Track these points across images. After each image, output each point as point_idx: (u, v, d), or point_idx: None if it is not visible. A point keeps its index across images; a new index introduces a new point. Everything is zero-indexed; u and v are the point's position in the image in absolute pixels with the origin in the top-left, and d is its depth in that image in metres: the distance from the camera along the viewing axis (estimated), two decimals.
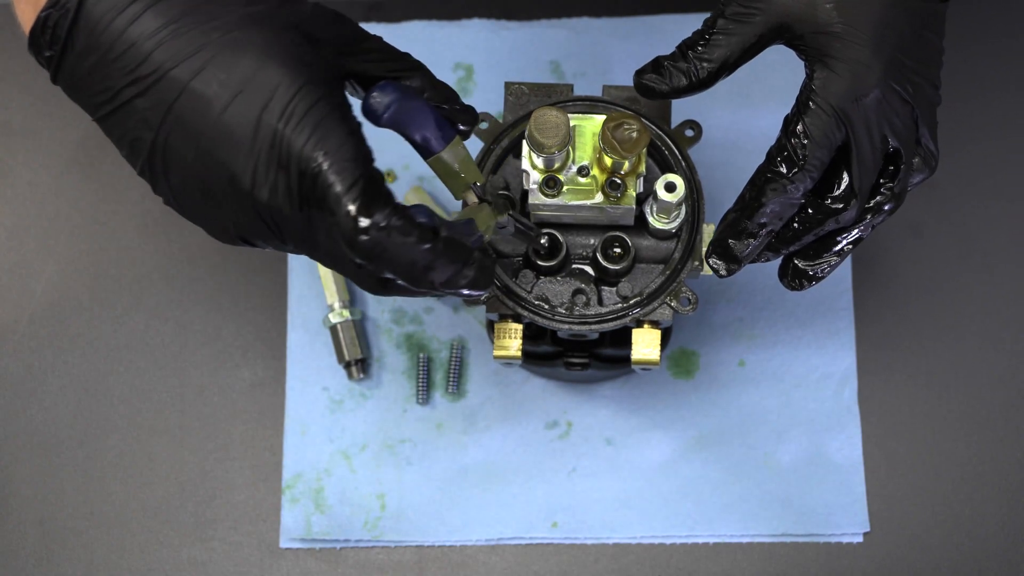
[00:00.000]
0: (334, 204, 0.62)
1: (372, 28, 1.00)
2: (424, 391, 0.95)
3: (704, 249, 0.81)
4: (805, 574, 0.93)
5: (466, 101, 1.01)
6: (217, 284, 0.97)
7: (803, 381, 0.96)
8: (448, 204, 0.98)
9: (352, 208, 0.62)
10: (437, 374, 0.96)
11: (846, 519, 0.93)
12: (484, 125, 0.83)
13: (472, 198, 0.73)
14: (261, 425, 0.96)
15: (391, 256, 0.63)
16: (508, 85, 0.83)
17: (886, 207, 0.74)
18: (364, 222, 0.62)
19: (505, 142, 0.82)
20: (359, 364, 0.95)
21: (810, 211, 0.74)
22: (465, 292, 0.67)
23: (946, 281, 0.97)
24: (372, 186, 0.63)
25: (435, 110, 0.70)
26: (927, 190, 0.98)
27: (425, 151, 0.71)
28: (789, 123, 0.72)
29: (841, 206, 0.73)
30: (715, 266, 0.76)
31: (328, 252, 0.65)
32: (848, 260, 0.97)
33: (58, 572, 0.94)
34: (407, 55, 0.71)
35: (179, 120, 0.63)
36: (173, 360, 0.97)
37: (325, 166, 0.62)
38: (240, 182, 0.63)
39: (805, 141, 0.72)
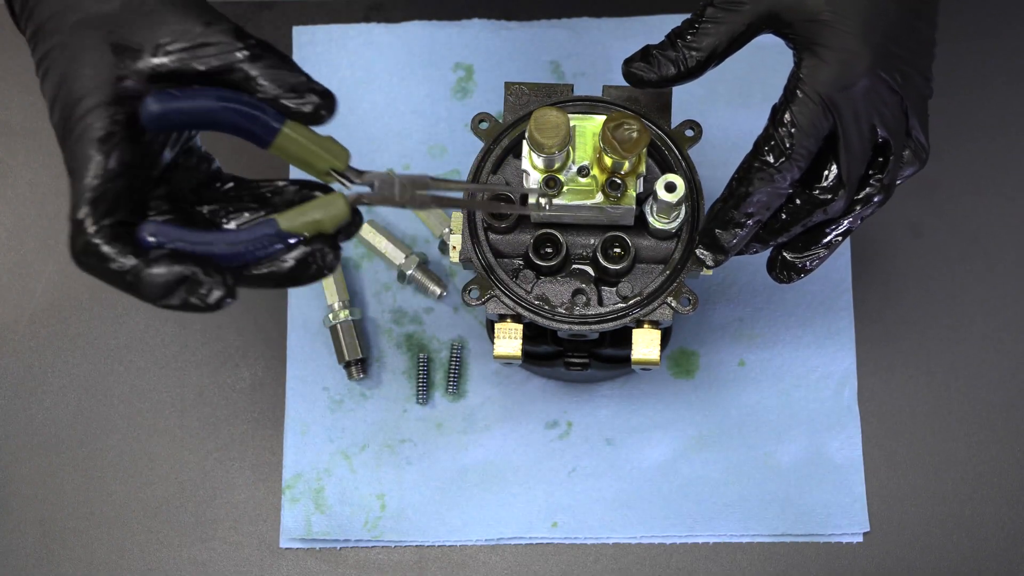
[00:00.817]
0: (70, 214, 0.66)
1: (372, 28, 1.01)
2: (424, 391, 0.95)
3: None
4: (805, 574, 0.93)
5: (466, 101, 1.01)
6: None
7: (803, 381, 0.96)
8: None
9: (71, 221, 0.65)
10: (437, 374, 0.96)
11: (846, 519, 0.93)
12: (484, 125, 0.83)
13: (333, 184, 0.70)
14: (261, 425, 0.96)
15: (97, 274, 0.65)
16: (508, 85, 0.83)
17: (875, 199, 0.74)
18: (79, 236, 0.65)
19: (505, 142, 0.82)
20: (359, 364, 0.95)
21: (798, 201, 0.74)
22: (199, 309, 0.66)
23: (946, 281, 0.97)
24: (95, 204, 0.65)
25: (249, 104, 0.68)
26: (927, 190, 0.98)
27: (256, 143, 0.69)
28: (776, 112, 0.72)
29: (829, 197, 0.73)
30: (702, 256, 0.76)
31: None
32: (848, 260, 0.97)
33: (58, 572, 0.94)
34: (253, 45, 0.68)
35: (47, 106, 0.69)
36: (173, 360, 0.97)
37: (72, 181, 0.65)
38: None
39: (792, 130, 0.72)
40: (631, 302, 0.80)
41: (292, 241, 0.67)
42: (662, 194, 0.78)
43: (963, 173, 0.98)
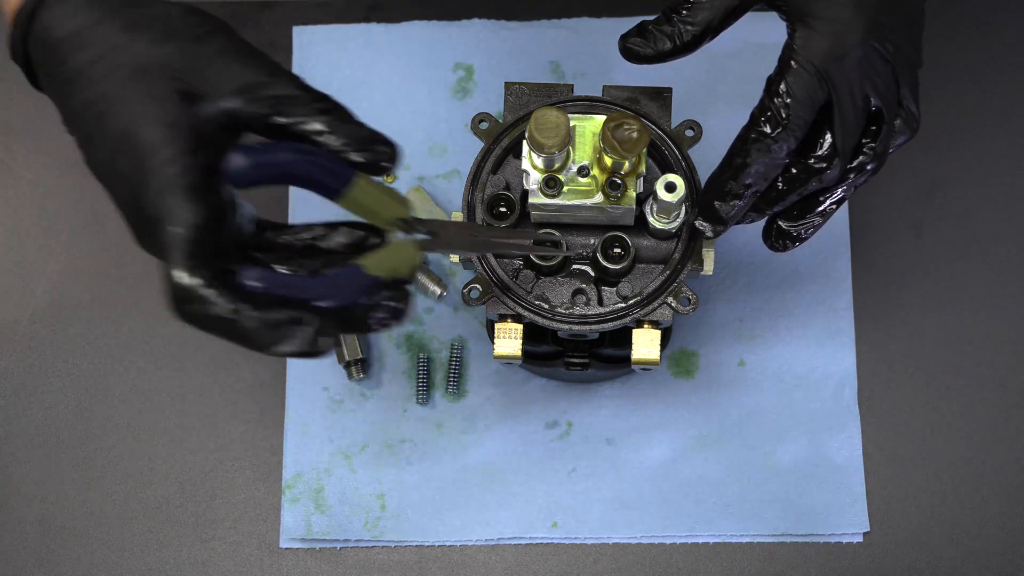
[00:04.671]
0: (166, 265, 0.64)
1: (372, 28, 1.01)
2: (424, 391, 0.95)
3: (702, 248, 0.81)
4: (805, 574, 0.93)
5: (466, 101, 1.01)
6: None
7: (803, 381, 0.96)
8: (449, 204, 0.98)
9: (169, 273, 0.64)
10: (437, 374, 0.96)
11: (846, 519, 0.93)
12: (484, 125, 0.83)
13: (394, 235, 0.72)
14: (261, 425, 0.96)
15: (204, 324, 0.64)
16: (508, 85, 0.83)
17: (868, 167, 0.75)
18: (181, 286, 0.63)
19: (505, 142, 0.82)
20: (359, 364, 0.95)
21: (794, 171, 0.75)
22: (304, 356, 0.66)
23: (946, 281, 0.97)
24: (193, 254, 0.64)
25: (324, 157, 0.68)
26: (927, 190, 0.98)
27: (326, 196, 0.70)
28: (771, 83, 0.73)
29: (824, 165, 0.74)
30: (701, 228, 0.76)
31: None
32: (848, 260, 0.97)
33: (58, 572, 0.94)
34: (319, 98, 0.69)
35: (93, 162, 0.67)
36: (173, 360, 0.97)
37: (160, 229, 0.64)
38: (133, 228, 0.67)
39: (788, 100, 0.72)
40: (631, 302, 0.80)
41: (374, 286, 0.68)
42: (662, 194, 0.78)
43: (963, 173, 0.98)
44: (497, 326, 0.81)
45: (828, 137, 0.73)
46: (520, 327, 0.81)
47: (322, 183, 0.68)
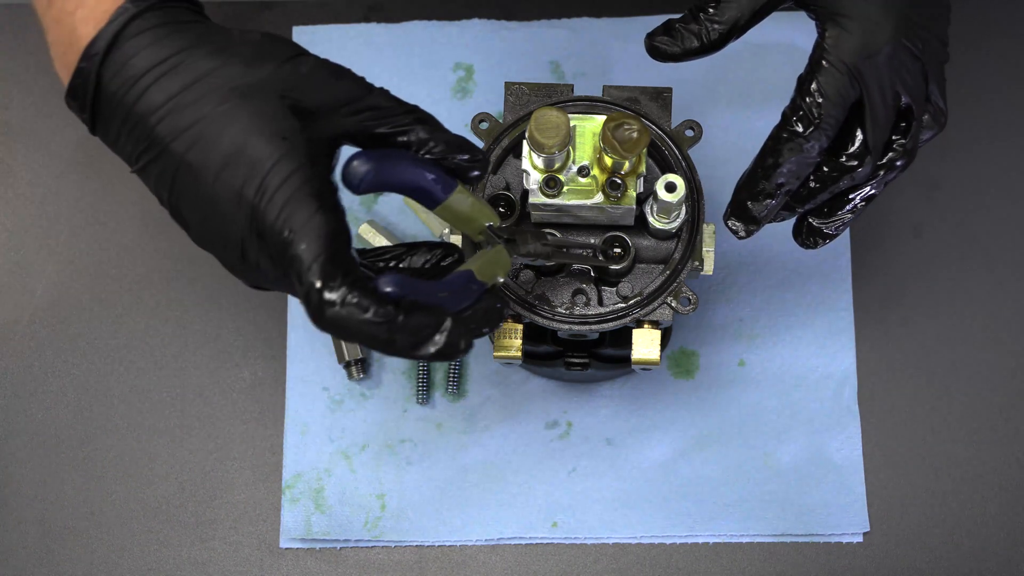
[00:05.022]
0: (299, 278, 0.64)
1: (372, 28, 1.01)
2: (424, 391, 0.95)
3: (702, 248, 0.81)
4: (805, 574, 0.93)
5: (466, 101, 1.01)
6: (217, 284, 0.97)
7: (803, 381, 0.96)
8: None
9: (315, 283, 0.64)
10: (437, 374, 0.96)
11: (846, 519, 0.93)
12: (484, 125, 0.83)
13: (487, 241, 0.74)
14: (261, 425, 0.96)
15: (351, 330, 0.64)
16: (508, 85, 0.83)
17: (898, 163, 0.76)
18: (326, 295, 0.64)
19: (505, 142, 0.82)
20: (359, 364, 0.95)
21: (826, 169, 0.75)
22: (442, 359, 0.67)
23: (946, 281, 0.97)
24: (333, 263, 0.64)
25: (430, 165, 0.70)
26: (927, 190, 0.98)
27: (427, 203, 0.71)
28: (803, 82, 0.73)
29: (856, 163, 0.74)
30: (734, 228, 0.77)
31: None
32: (848, 260, 0.97)
33: (58, 572, 0.94)
34: (412, 108, 0.71)
35: (182, 189, 0.67)
36: (173, 360, 0.97)
37: (292, 241, 0.65)
38: (234, 247, 0.67)
39: (820, 100, 0.73)
40: (631, 302, 0.81)
41: (481, 290, 0.70)
42: (662, 194, 0.78)
43: (963, 173, 0.98)
44: None
45: (859, 135, 0.74)
46: (520, 327, 0.81)
47: (428, 191, 0.70)
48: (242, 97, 0.66)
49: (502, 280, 0.73)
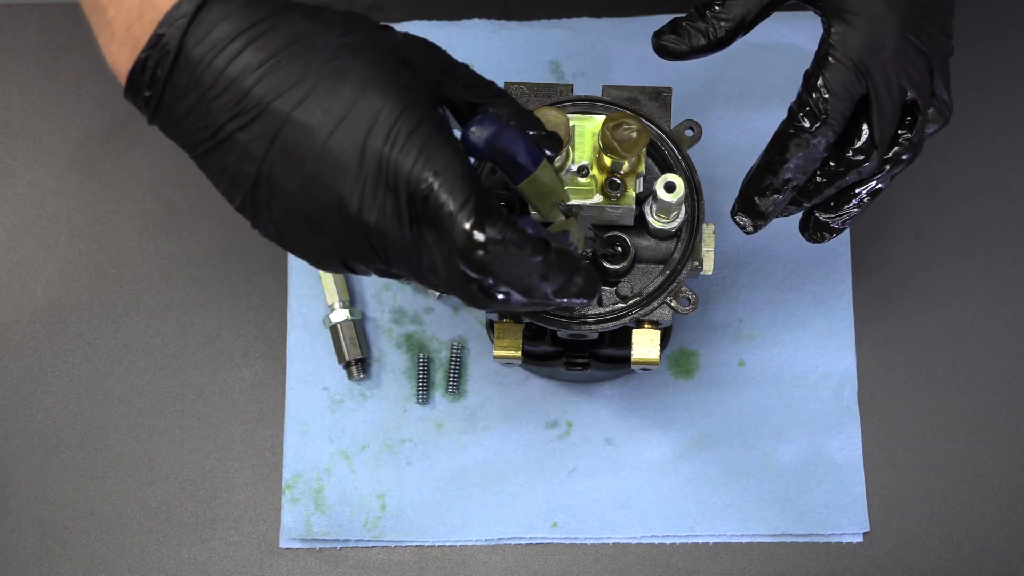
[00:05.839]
0: (447, 222, 0.63)
1: None
2: (424, 391, 0.95)
3: (702, 248, 0.81)
4: (805, 574, 0.93)
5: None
6: (217, 284, 0.97)
7: (803, 381, 0.96)
8: None
9: (467, 224, 0.63)
10: (437, 374, 0.96)
11: (846, 519, 0.93)
12: None
13: (560, 215, 0.74)
14: (261, 425, 0.96)
15: (507, 269, 0.64)
16: (508, 85, 0.83)
17: (904, 157, 0.76)
18: (480, 237, 0.63)
19: None
20: (359, 364, 0.95)
21: (832, 164, 0.75)
22: (576, 301, 0.67)
23: (946, 281, 0.97)
24: (483, 202, 0.64)
25: (524, 136, 0.70)
26: (927, 190, 0.98)
27: (517, 175, 0.71)
28: (809, 78, 0.74)
29: (862, 158, 0.75)
30: (742, 223, 0.77)
31: (434, 270, 0.66)
32: (848, 260, 0.97)
33: (58, 572, 0.94)
34: (492, 83, 0.72)
35: (283, 150, 0.64)
36: (173, 360, 0.97)
37: (436, 186, 0.64)
38: (347, 207, 0.65)
39: (826, 95, 0.73)
40: (631, 302, 0.80)
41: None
42: (662, 194, 0.78)
43: (964, 173, 0.98)
44: (497, 326, 0.81)
45: (865, 129, 0.74)
46: (520, 327, 0.81)
47: (519, 162, 0.70)
48: (351, 53, 0.65)
49: (580, 251, 0.75)
